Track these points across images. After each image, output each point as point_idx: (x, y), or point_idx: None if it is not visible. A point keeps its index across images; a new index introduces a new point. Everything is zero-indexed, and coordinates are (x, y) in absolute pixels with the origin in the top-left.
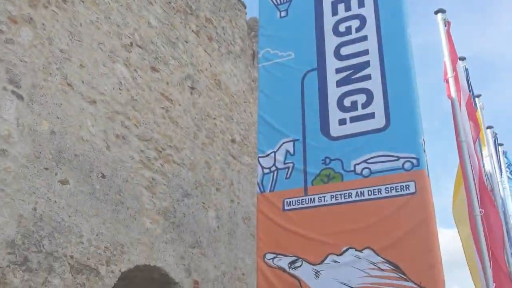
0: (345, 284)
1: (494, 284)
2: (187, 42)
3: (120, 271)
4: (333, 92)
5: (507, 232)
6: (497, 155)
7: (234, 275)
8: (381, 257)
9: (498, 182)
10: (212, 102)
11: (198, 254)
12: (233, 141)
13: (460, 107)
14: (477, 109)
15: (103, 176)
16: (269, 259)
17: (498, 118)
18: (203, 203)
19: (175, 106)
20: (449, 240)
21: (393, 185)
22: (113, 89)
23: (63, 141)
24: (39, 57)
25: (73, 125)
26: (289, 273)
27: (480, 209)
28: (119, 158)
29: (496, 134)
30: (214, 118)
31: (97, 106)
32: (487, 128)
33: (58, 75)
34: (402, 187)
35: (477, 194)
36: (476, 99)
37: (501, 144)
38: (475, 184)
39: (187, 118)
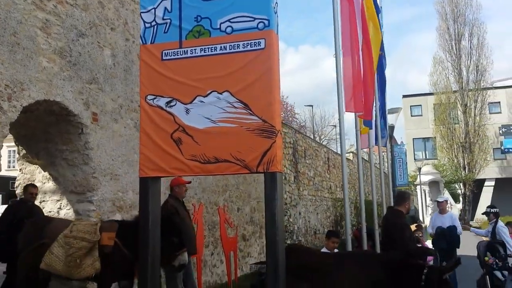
0: (208, 118)
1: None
2: None
3: (21, 105)
4: None
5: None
6: None
7: (131, 107)
8: (236, 98)
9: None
10: None
11: (95, 90)
12: None
13: None
14: None
15: None
16: (150, 100)
17: None
18: (98, 43)
19: None
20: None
21: (249, 41)
22: None
23: None
24: None
25: None
26: (165, 111)
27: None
28: (11, 0)
29: None
30: None
31: None
32: None
33: None
34: (255, 43)
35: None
36: None
37: None
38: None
39: None
